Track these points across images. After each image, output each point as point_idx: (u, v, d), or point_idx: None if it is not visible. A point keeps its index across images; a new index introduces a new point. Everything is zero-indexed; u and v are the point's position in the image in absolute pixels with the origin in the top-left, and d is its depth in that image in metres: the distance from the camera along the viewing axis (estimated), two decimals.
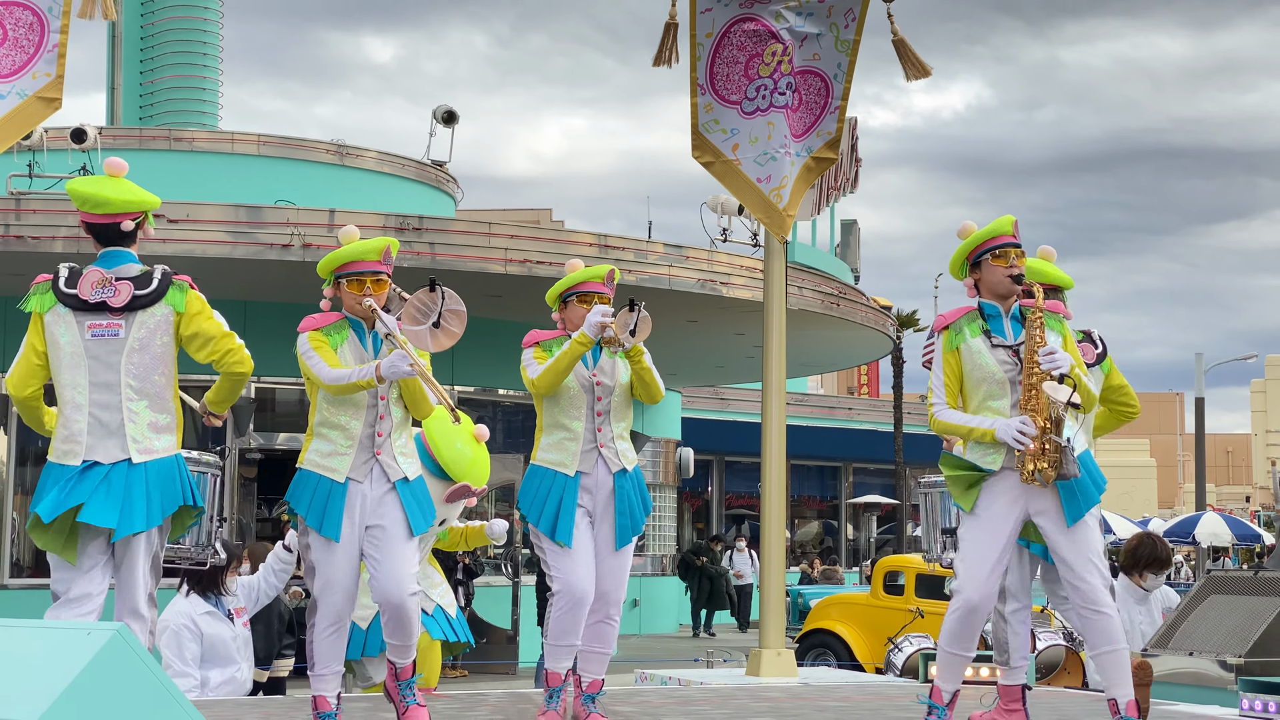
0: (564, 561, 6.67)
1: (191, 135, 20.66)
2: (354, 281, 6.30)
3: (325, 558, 6.16)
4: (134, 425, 5.70)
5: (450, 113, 21.25)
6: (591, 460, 6.72)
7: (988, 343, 6.24)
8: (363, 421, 6.20)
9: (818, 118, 9.85)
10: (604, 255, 15.90)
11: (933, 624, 14.75)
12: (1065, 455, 6.02)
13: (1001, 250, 6.33)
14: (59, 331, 5.76)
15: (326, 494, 6.14)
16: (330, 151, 21.00)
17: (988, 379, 6.21)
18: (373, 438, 6.20)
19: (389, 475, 6.22)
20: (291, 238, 14.59)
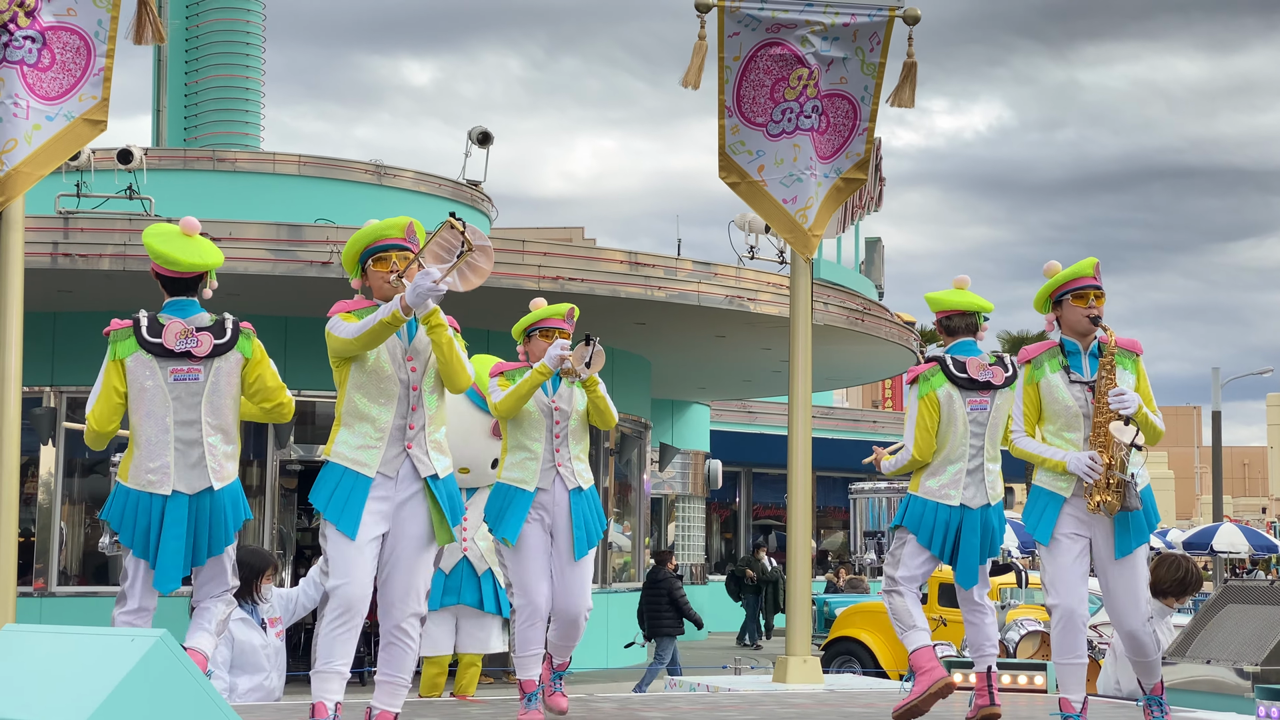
0: (524, 579, 7.16)
1: (234, 156, 20.73)
2: (380, 260, 6.04)
3: (342, 552, 5.88)
4: (212, 457, 6.23)
5: (485, 134, 21.30)
6: (550, 478, 7.25)
7: (1066, 378, 6.60)
8: (393, 412, 5.96)
9: (846, 139, 9.82)
10: (634, 273, 15.90)
11: (955, 632, 14.69)
12: (1128, 490, 6.38)
13: (1082, 291, 6.70)
14: (143, 375, 6.22)
15: (350, 488, 5.91)
16: (369, 172, 21.05)
17: (1064, 412, 6.59)
18: (404, 430, 5.96)
19: (419, 471, 5.97)
20: (331, 256, 14.63)
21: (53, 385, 16.31)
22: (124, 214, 16.27)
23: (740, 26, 9.59)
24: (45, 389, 16.33)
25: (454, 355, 5.94)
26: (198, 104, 23.03)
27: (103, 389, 6.25)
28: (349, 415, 5.99)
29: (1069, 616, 6.51)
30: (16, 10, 7.88)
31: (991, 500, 7.22)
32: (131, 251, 14.42)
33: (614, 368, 18.35)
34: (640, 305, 15.97)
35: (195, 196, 19.16)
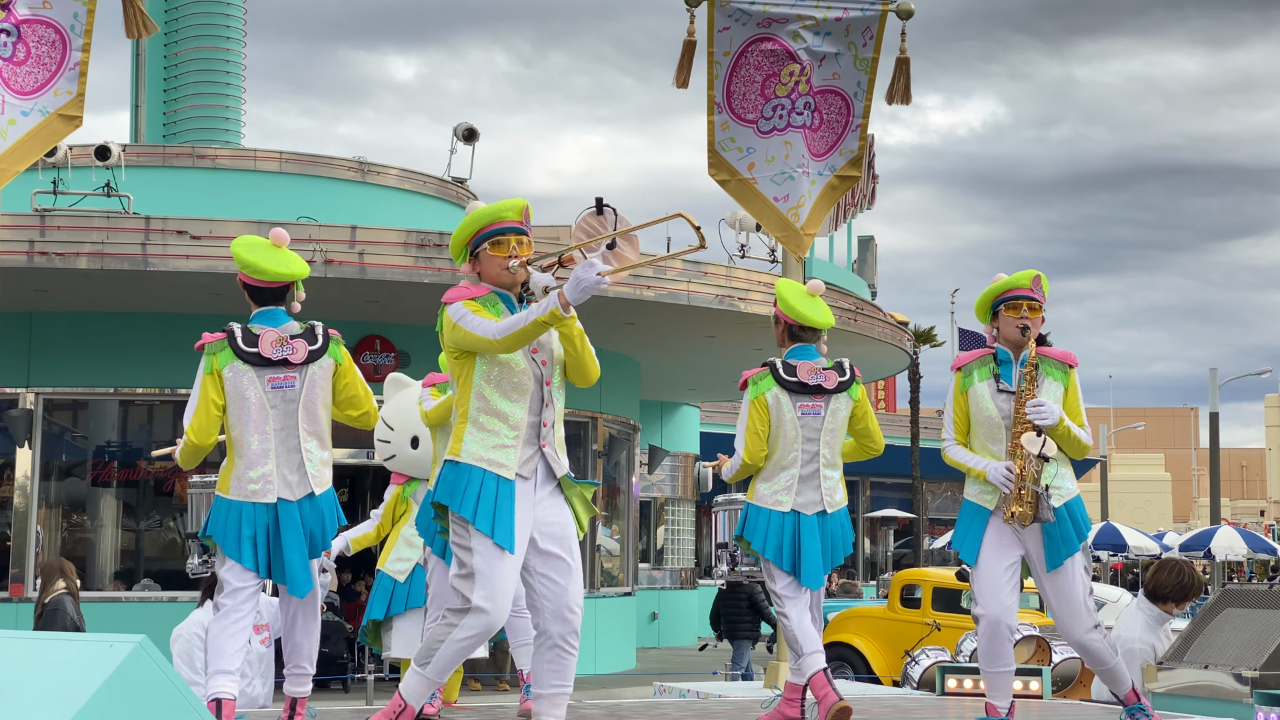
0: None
1: (214, 153, 20.70)
2: (497, 244, 5.71)
3: (493, 567, 5.48)
4: (310, 464, 6.35)
5: (471, 130, 21.29)
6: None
7: (994, 387, 6.70)
8: (527, 409, 5.62)
9: (840, 136, 9.83)
10: None
11: (949, 637, 14.72)
12: (1040, 501, 6.48)
13: (1014, 301, 6.79)
14: (242, 385, 6.35)
15: (495, 493, 5.53)
16: (352, 169, 21.03)
17: (987, 422, 6.69)
18: (538, 428, 5.64)
19: (554, 471, 5.69)
20: (313, 254, 14.60)
21: (29, 386, 16.27)
22: (102, 211, 16.22)
23: (730, 21, 9.59)
24: (21, 390, 16.28)
25: (586, 348, 5.70)
26: (177, 100, 22.99)
27: (200, 402, 6.39)
28: (479, 413, 5.61)
29: (994, 625, 6.64)
30: None
31: (829, 507, 7.10)
32: (110, 250, 14.39)
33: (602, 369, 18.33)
34: (629, 305, 15.97)
35: (174, 194, 19.13)
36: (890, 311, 22.48)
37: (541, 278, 5.63)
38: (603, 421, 19.02)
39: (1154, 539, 36.56)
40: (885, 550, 36.72)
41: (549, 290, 5.51)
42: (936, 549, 33.50)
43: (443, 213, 21.56)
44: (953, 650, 13.51)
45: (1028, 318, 6.74)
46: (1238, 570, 41.27)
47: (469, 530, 5.51)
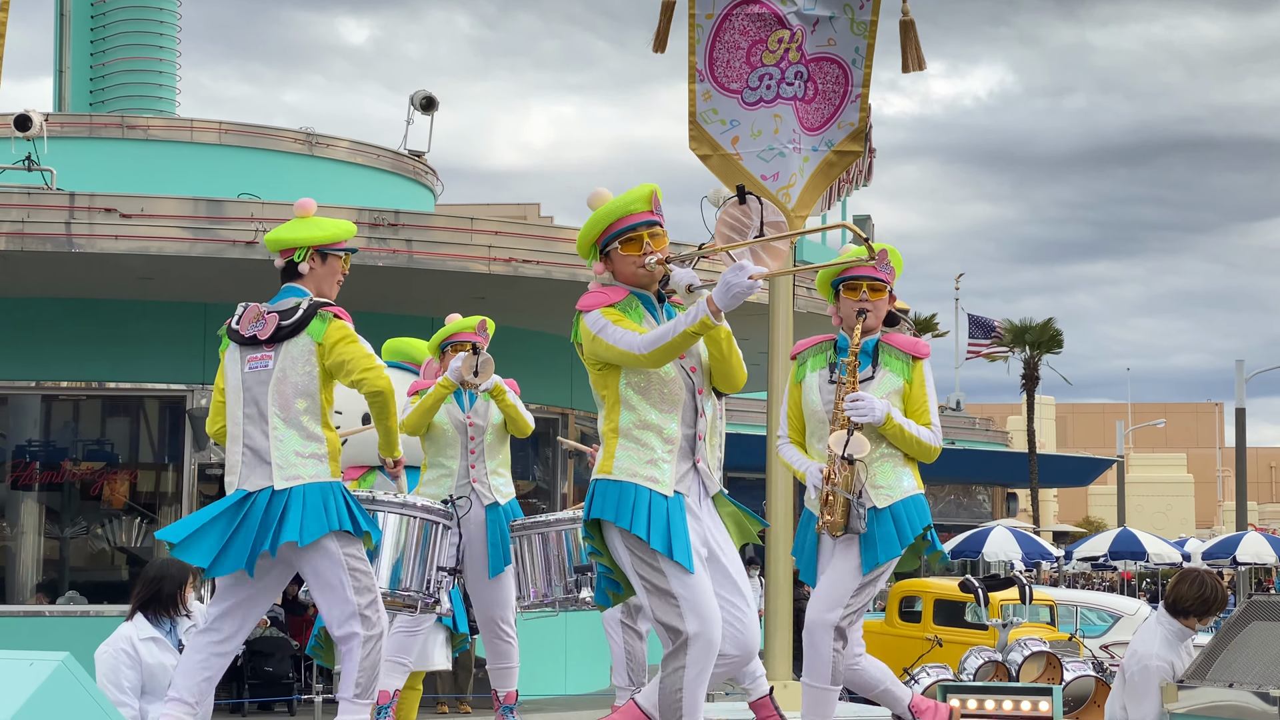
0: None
1: (146, 122, 20.63)
2: (629, 241, 5.72)
3: (690, 586, 5.45)
4: (278, 453, 6.16)
5: (429, 99, 21.25)
6: (465, 494, 7.92)
7: (825, 378, 6.50)
8: (680, 421, 5.63)
9: (838, 108, 9.79)
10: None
11: (952, 653, 14.77)
12: (851, 510, 6.25)
13: (854, 282, 6.55)
14: (230, 367, 6.43)
15: (665, 512, 5.53)
16: (298, 141, 20.98)
17: (813, 417, 6.52)
18: (693, 441, 5.65)
19: (708, 488, 5.73)
20: (256, 234, 14.57)
21: None
22: (22, 187, 16.16)
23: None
24: None
25: (734, 351, 5.70)
26: (105, 64, 22.88)
27: (214, 387, 6.55)
28: (631, 427, 5.62)
29: (813, 629, 6.49)
30: None
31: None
32: (31, 229, 14.33)
33: (572, 360, 18.34)
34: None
35: (103, 168, 19.06)
36: None
37: (683, 274, 5.62)
38: (574, 418, 19.03)
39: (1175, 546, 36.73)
40: None
41: (693, 289, 5.54)
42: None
43: (398, 189, 21.53)
44: (955, 667, 13.57)
45: (867, 300, 6.50)
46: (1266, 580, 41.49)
47: (653, 556, 5.48)
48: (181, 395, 16.65)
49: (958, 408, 51.63)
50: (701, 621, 5.44)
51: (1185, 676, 8.14)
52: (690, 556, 5.46)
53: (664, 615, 5.46)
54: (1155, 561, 35.81)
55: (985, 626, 15.64)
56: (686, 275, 5.60)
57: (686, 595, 5.42)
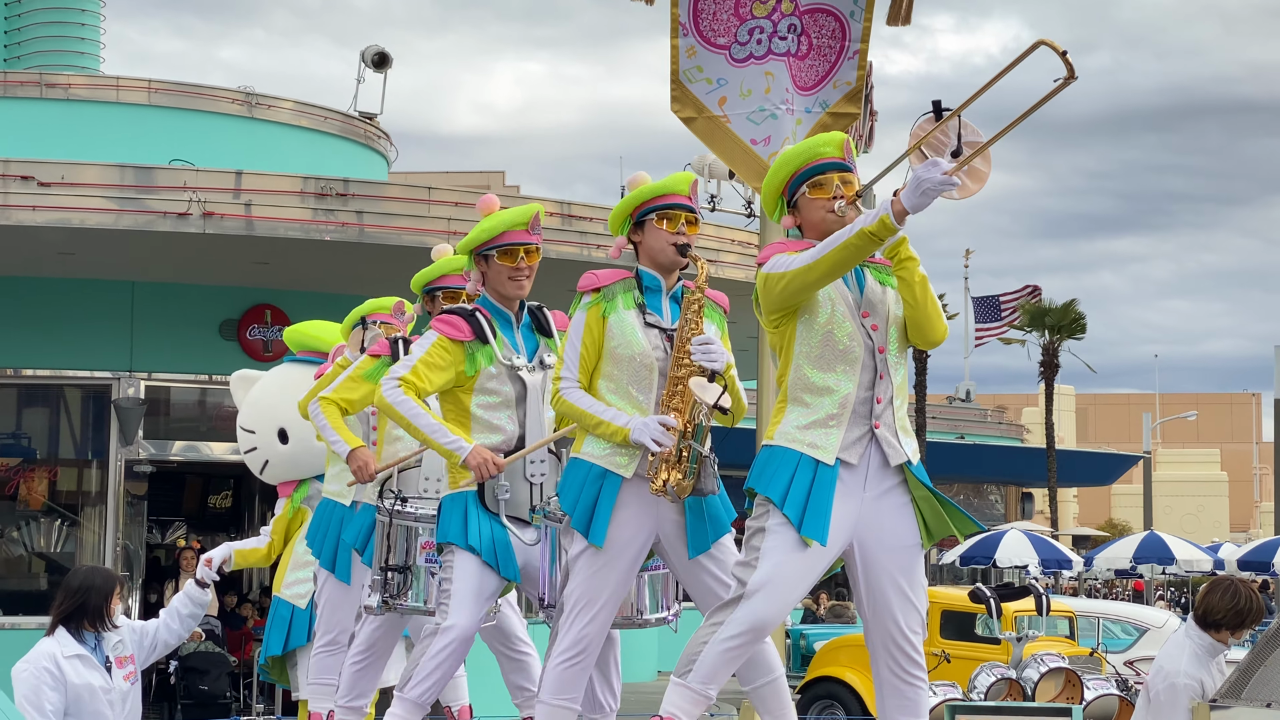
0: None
1: (68, 80, 20.56)
2: (818, 185, 5.80)
3: (788, 557, 5.58)
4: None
5: (382, 55, 21.22)
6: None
7: (641, 319, 6.24)
8: (856, 383, 5.68)
9: (833, 65, 9.78)
10: (567, 227, 15.90)
11: (962, 669, 14.81)
12: (705, 467, 6.03)
13: (670, 213, 6.30)
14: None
15: (811, 478, 5.61)
16: (237, 101, 20.94)
17: (632, 362, 6.20)
18: (870, 405, 5.69)
19: (889, 458, 5.71)
20: (189, 205, 14.55)
21: None
22: None
23: None
24: None
25: (929, 297, 5.71)
26: (21, 16, 22.80)
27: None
28: (796, 389, 5.74)
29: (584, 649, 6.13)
30: None
31: None
32: None
33: None
34: (574, 267, 15.92)
35: (19, 131, 18.99)
36: None
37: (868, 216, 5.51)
38: None
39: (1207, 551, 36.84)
40: None
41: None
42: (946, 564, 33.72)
43: (347, 155, 21.50)
44: (965, 686, 13.61)
45: (685, 233, 6.29)
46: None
47: (769, 510, 5.62)
48: (107, 384, 16.61)
49: (967, 398, 51.71)
50: (768, 594, 5.54)
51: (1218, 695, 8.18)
52: (823, 532, 5.55)
53: (740, 570, 5.63)
54: (1185, 569, 35.95)
55: (998, 640, 15.66)
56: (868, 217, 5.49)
57: (775, 562, 5.56)
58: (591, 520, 6.03)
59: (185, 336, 16.59)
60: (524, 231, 6.68)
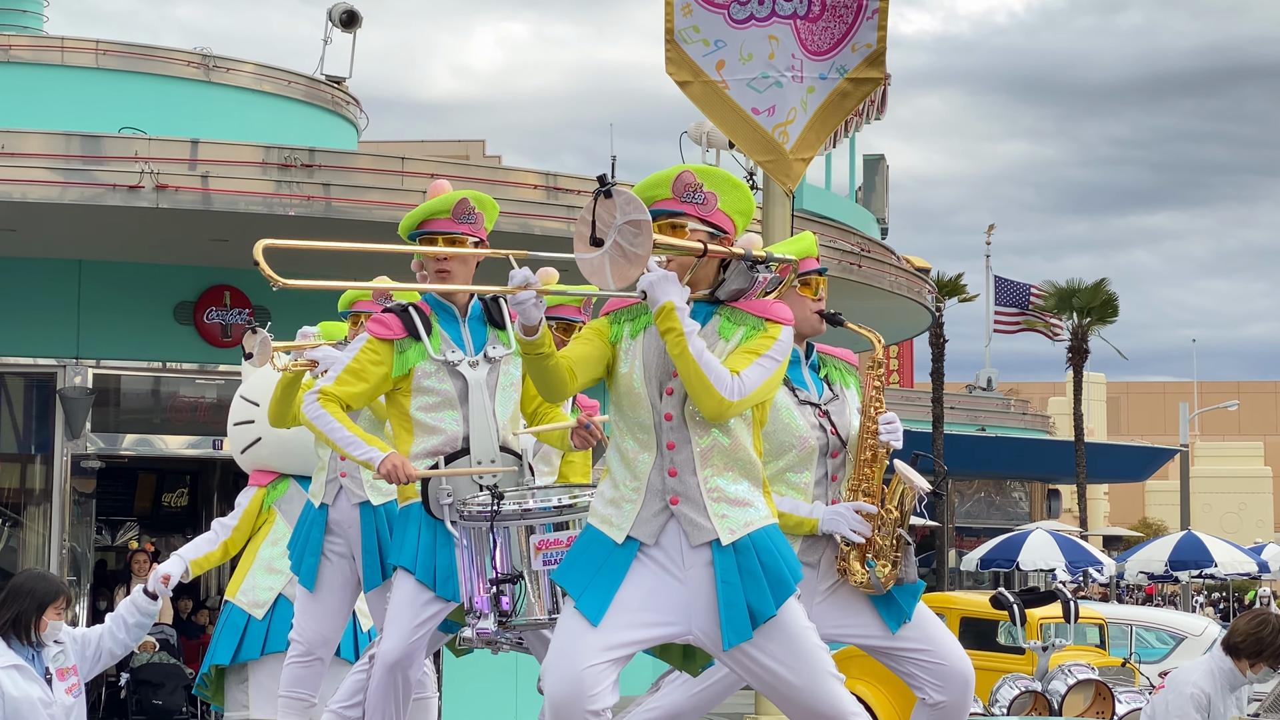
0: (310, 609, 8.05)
1: (8, 41, 20.56)
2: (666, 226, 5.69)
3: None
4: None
5: (350, 12, 21.22)
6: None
7: (794, 397, 6.40)
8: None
9: (851, 26, 9.70)
10: (553, 200, 15.89)
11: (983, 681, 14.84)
12: (906, 556, 6.32)
13: (808, 277, 6.48)
14: None
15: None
16: (193, 64, 20.93)
17: (791, 445, 6.39)
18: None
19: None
20: (141, 176, 14.54)
21: None
22: None
23: None
24: None
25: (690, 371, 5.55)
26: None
27: None
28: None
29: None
30: None
31: None
32: None
33: None
34: (561, 243, 15.93)
35: None
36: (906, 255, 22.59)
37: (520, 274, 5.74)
38: None
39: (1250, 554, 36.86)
40: None
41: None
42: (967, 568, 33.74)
43: (313, 122, 21.50)
44: (986, 700, 13.64)
45: (823, 298, 6.64)
46: None
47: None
48: (51, 372, 16.61)
49: (989, 387, 51.73)
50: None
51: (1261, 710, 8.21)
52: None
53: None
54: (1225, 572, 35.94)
55: (1022, 650, 15.68)
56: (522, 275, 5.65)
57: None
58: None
59: (137, 320, 16.58)
60: (447, 220, 6.85)
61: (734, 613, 5.48)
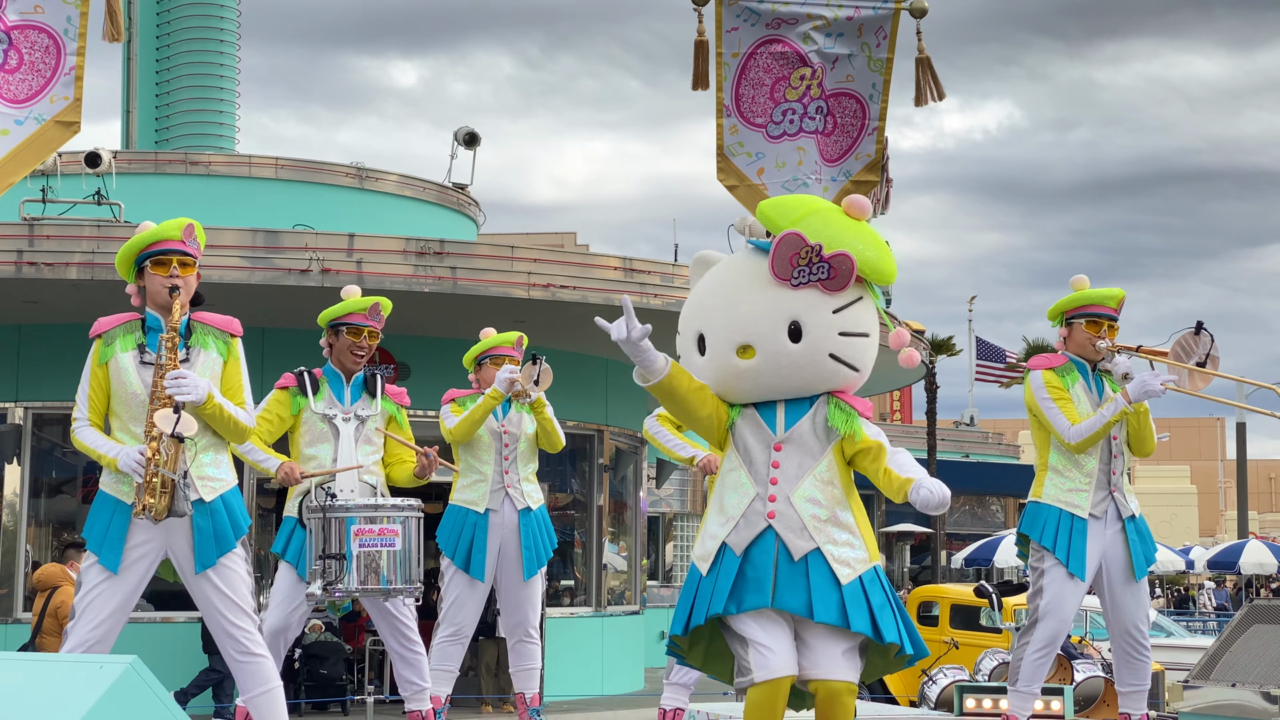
0: (462, 597, 8.03)
1: (208, 159, 20.74)
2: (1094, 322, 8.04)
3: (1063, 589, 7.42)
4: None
5: (471, 134, 21.32)
6: (499, 499, 8.05)
7: (138, 358, 6.08)
8: (1097, 459, 7.48)
9: (855, 140, 9.78)
10: (629, 279, 15.91)
11: (967, 655, 14.70)
12: (176, 491, 5.83)
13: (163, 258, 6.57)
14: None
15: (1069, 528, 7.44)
16: (350, 175, 21.06)
17: (132, 399, 6.04)
18: (1109, 476, 7.55)
19: (1120, 511, 7.61)
20: (310, 263, 14.63)
21: (17, 401, 16.29)
22: (92, 220, 16.26)
23: (739, 21, 9.59)
24: (10, 405, 16.30)
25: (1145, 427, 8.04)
26: (169, 105, 23.03)
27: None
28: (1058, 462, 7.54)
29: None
30: None
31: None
32: (100, 259, 14.41)
33: (608, 380, 18.35)
34: (636, 314, 15.94)
35: (167, 201, 19.15)
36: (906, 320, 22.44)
37: (1123, 362, 7.33)
38: (609, 434, 19.03)
39: (1179, 554, 36.51)
40: (901, 566, 36.67)
41: (1128, 377, 7.23)
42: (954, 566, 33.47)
43: (443, 219, 21.58)
44: (971, 669, 13.51)
45: (178, 275, 6.26)
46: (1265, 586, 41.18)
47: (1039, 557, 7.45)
48: None
49: (971, 423, 51.36)
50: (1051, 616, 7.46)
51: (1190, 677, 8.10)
52: (1083, 570, 7.34)
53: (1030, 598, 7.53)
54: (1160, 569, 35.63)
55: (999, 630, 15.53)
56: (1124, 363, 7.37)
57: (1053, 595, 7.41)
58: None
59: None
60: (362, 315, 7.80)
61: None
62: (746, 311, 5.41)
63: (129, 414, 6.02)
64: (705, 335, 5.49)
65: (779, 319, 5.36)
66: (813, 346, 5.29)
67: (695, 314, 5.64)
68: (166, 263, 6.26)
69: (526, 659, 8.24)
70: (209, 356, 6.15)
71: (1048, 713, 9.25)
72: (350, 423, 7.38)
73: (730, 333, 5.40)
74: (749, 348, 5.37)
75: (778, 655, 5.15)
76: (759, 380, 5.38)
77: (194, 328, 6.20)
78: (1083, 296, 7.37)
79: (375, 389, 7.53)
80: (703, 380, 5.48)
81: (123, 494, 5.97)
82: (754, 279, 5.51)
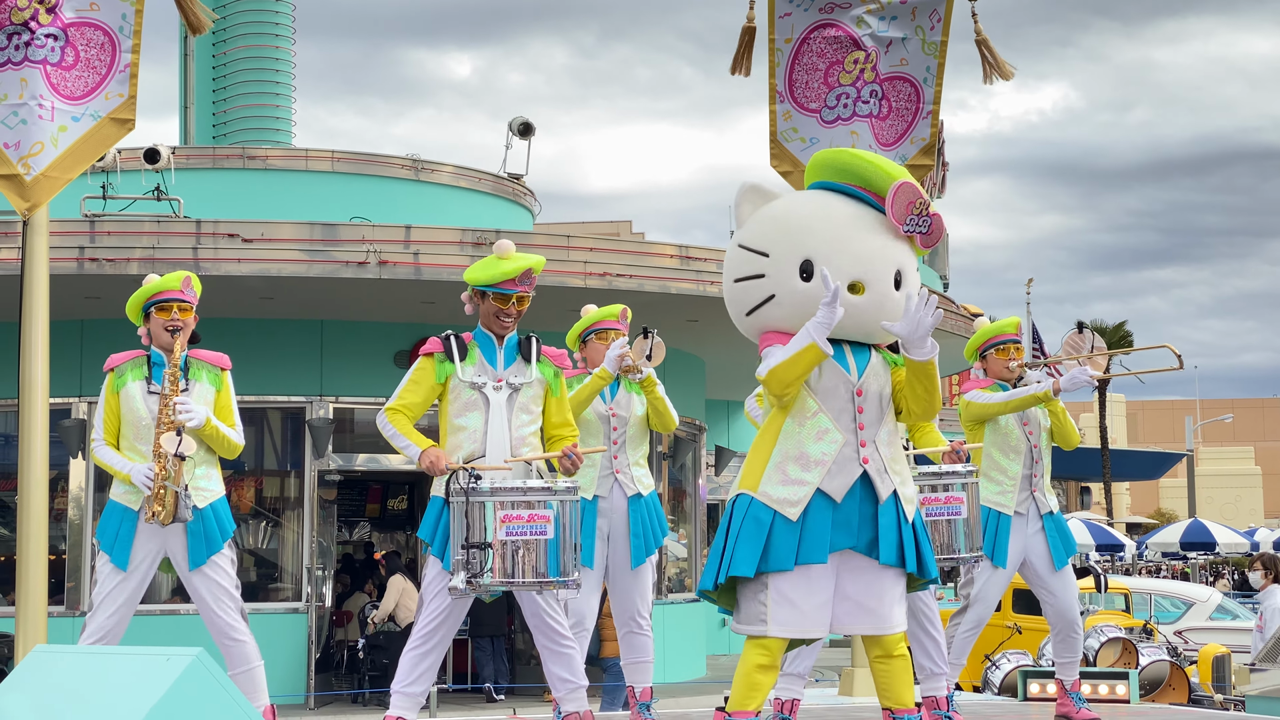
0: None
1: (265, 153, 20.85)
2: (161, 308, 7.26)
3: (987, 580, 7.91)
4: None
5: (526, 124, 21.34)
6: (609, 485, 7.44)
7: (145, 389, 7.06)
8: (1021, 464, 7.99)
9: (910, 124, 9.72)
10: (685, 267, 15.89)
11: (1030, 640, 14.62)
12: (180, 501, 6.85)
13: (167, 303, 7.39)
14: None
15: (995, 528, 7.84)
16: (405, 167, 21.13)
17: (139, 423, 7.02)
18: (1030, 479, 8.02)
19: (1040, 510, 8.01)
20: (367, 255, 14.69)
21: (81, 396, 16.46)
22: (152, 215, 16.40)
23: (792, 7, 9.55)
24: (73, 400, 16.47)
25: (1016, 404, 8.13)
26: (226, 100, 23.18)
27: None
28: (989, 469, 7.94)
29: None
30: (38, 7, 7.94)
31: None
32: (160, 255, 14.53)
33: (666, 368, 18.30)
34: (692, 301, 15.97)
35: (225, 196, 19.29)
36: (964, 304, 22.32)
37: (1034, 375, 8.32)
38: None
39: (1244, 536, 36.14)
40: None
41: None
42: None
43: (498, 210, 21.62)
44: (1034, 654, 13.44)
45: (178, 319, 7.23)
46: None
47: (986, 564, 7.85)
48: (301, 406, 16.81)
49: None
50: (983, 604, 8.14)
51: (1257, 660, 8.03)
52: (1005, 559, 7.94)
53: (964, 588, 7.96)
54: (1225, 551, 35.29)
55: None
56: (1036, 376, 8.36)
57: (980, 585, 8.10)
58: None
59: (365, 365, 16.74)
60: (510, 283, 6.85)
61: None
62: (861, 250, 5.40)
63: (135, 435, 6.99)
64: (815, 263, 5.41)
65: (889, 264, 5.42)
66: (906, 296, 5.37)
67: (799, 240, 5.46)
68: (168, 308, 7.21)
69: (637, 651, 7.53)
70: (203, 387, 7.13)
71: (1113, 697, 9.20)
72: (502, 391, 6.52)
73: (847, 266, 5.38)
74: (860, 285, 5.39)
75: (805, 617, 5.33)
76: (859, 318, 5.40)
77: (191, 363, 7.16)
78: (988, 331, 8.10)
79: (530, 353, 6.66)
80: (791, 308, 5.45)
81: (131, 503, 6.95)
82: (858, 219, 5.46)
